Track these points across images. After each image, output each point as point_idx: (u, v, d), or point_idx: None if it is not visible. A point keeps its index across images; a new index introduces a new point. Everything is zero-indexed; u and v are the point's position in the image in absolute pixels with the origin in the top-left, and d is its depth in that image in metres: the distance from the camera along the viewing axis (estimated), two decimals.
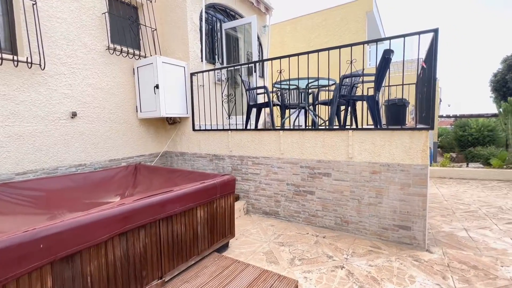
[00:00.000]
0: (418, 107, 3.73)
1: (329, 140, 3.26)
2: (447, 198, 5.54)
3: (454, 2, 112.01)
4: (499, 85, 19.23)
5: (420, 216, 2.79)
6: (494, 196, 5.58)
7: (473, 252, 2.91)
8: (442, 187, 6.65)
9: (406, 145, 2.81)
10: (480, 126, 12.04)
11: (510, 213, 4.38)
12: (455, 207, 4.85)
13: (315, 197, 3.43)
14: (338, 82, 3.30)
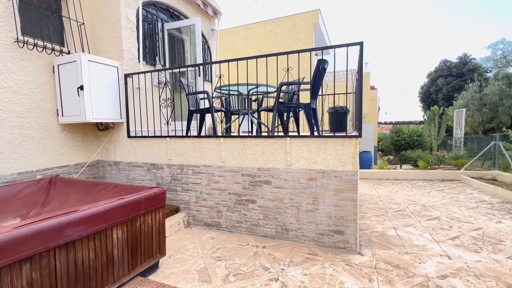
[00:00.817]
0: (354, 116, 3.95)
1: (269, 147, 3.23)
2: (383, 198, 6.03)
3: (398, 16, 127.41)
4: (425, 96, 22.30)
5: (352, 220, 2.90)
6: (419, 194, 6.27)
7: (398, 250, 3.13)
8: (379, 188, 7.25)
9: (338, 152, 2.91)
10: (411, 132, 13.66)
11: (431, 210, 4.92)
12: (388, 207, 5.29)
13: (257, 205, 3.35)
14: (278, 89, 3.31)
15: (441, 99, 19.91)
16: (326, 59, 3.18)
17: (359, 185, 7.69)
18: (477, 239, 3.48)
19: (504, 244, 3.31)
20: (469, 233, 3.71)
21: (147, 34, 4.80)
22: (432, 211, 4.88)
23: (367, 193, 6.68)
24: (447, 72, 20.14)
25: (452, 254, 3.04)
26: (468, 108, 16.44)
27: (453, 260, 2.85)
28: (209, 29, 6.50)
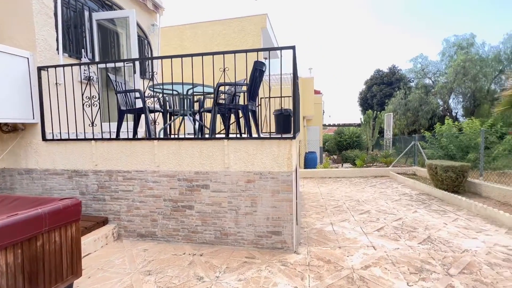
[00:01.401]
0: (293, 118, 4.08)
1: (206, 150, 3.10)
2: (324, 196, 6.42)
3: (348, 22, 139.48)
4: (362, 101, 24.83)
5: (288, 220, 2.96)
6: (355, 191, 6.87)
7: (332, 245, 3.32)
8: (322, 186, 7.73)
9: (275, 153, 2.94)
10: (351, 133, 14.95)
11: (363, 205, 5.41)
12: (328, 204, 5.64)
13: (195, 211, 3.18)
14: (216, 90, 3.20)
15: (375, 104, 22.42)
16: (263, 62, 3.21)
17: (305, 184, 8.11)
18: (397, 229, 3.91)
19: (418, 231, 3.79)
20: (392, 224, 4.15)
21: (70, 23, 4.21)
22: (364, 205, 5.36)
23: (311, 192, 7.05)
24: (380, 81, 22.81)
25: (377, 244, 3.34)
26: (396, 113, 18.82)
27: (377, 250, 3.13)
28: (149, 24, 6.06)
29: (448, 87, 16.86)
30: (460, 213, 4.52)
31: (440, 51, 18.89)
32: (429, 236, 3.55)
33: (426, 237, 3.54)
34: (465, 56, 16.18)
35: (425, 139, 9.18)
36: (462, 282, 2.31)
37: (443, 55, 18.66)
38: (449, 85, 16.77)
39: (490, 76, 15.96)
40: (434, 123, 10.98)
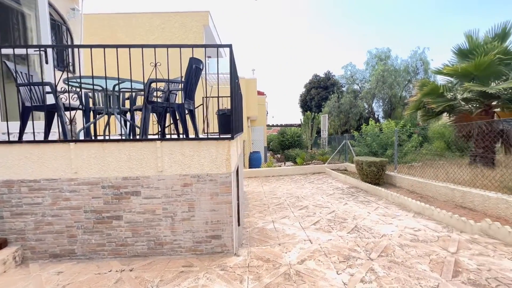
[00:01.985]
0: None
1: (137, 152, 2.79)
2: (267, 194, 6.60)
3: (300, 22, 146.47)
4: (303, 103, 26.64)
5: (228, 223, 2.89)
6: (296, 187, 7.26)
7: (273, 243, 3.40)
8: (266, 184, 7.94)
9: (213, 155, 2.84)
10: (292, 133, 15.80)
11: (302, 200, 5.74)
12: (270, 202, 5.80)
13: (123, 222, 2.84)
14: (147, 87, 2.91)
15: (314, 106, 24.32)
16: (200, 59, 3.06)
17: (249, 184, 8.19)
18: (331, 221, 4.25)
19: (347, 221, 4.19)
20: (326, 217, 4.50)
21: None
22: (303, 201, 5.69)
23: (255, 191, 7.16)
24: (317, 85, 24.85)
25: (313, 238, 3.56)
26: (331, 114, 20.72)
27: (313, 243, 3.32)
28: (68, 8, 5.22)
29: (371, 92, 19.42)
30: (380, 202, 5.19)
31: (365, 61, 21.67)
32: (356, 225, 3.96)
33: (354, 226, 3.93)
34: (383, 67, 18.90)
35: (354, 138, 10.35)
36: (380, 264, 2.62)
37: (367, 64, 21.46)
38: (372, 91, 19.33)
39: (401, 85, 19.02)
40: (361, 124, 12.49)
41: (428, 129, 13.10)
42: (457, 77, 6.90)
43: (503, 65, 6.20)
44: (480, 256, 2.69)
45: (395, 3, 53.82)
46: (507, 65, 6.31)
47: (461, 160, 7.21)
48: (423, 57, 18.67)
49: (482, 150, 6.59)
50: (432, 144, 12.32)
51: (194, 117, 3.28)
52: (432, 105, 6.87)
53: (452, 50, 7.15)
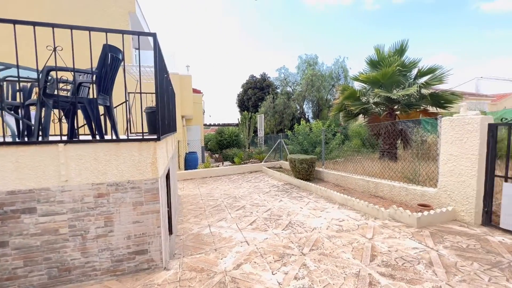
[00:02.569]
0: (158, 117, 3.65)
1: (28, 159, 2.20)
2: (204, 196, 6.32)
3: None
4: (240, 103, 26.94)
5: (156, 234, 2.57)
6: (233, 187, 7.20)
7: (208, 249, 3.21)
8: (203, 186, 7.62)
9: (135, 158, 2.47)
10: (230, 133, 15.75)
11: (240, 201, 5.70)
12: (207, 204, 5.57)
13: (10, 249, 2.20)
14: (43, 76, 2.32)
15: (251, 106, 24.86)
16: (119, 48, 2.63)
17: (185, 186, 7.72)
18: (267, 219, 4.31)
19: (282, 218, 4.32)
20: (263, 215, 4.55)
21: None
22: (240, 201, 5.66)
23: (191, 194, 6.78)
24: (254, 85, 25.49)
25: (250, 239, 3.52)
26: (267, 114, 21.54)
27: (250, 245, 3.28)
28: None
29: (302, 95, 21.05)
30: (311, 197, 5.58)
31: (296, 65, 23.33)
32: (290, 221, 4.11)
33: (288, 222, 4.08)
34: (312, 72, 20.72)
35: (288, 137, 10.97)
36: (312, 258, 2.75)
37: (298, 68, 23.17)
38: (303, 94, 20.97)
39: (327, 89, 21.23)
40: (294, 124, 13.37)
41: (348, 129, 14.93)
42: (369, 84, 8.02)
43: (401, 76, 7.50)
44: (390, 239, 3.11)
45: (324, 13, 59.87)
46: (404, 76, 7.66)
47: (373, 155, 8.46)
48: (344, 65, 21.27)
49: (388, 146, 7.83)
50: (351, 141, 14.08)
51: (111, 115, 2.80)
52: (351, 107, 7.80)
53: (365, 61, 8.28)
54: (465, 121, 3.48)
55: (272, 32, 68.46)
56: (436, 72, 7.17)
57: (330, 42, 56.97)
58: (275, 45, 68.12)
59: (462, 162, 3.52)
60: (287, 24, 64.54)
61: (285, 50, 64.65)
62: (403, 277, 2.35)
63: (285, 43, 64.38)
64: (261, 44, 72.69)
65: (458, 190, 3.57)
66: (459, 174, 3.55)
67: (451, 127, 3.66)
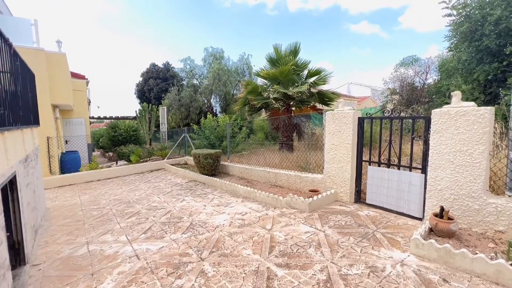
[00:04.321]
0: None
1: None
2: (85, 206, 5.09)
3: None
4: (140, 94, 23.96)
5: None
6: (128, 191, 6.16)
7: (80, 276, 2.49)
8: (86, 193, 6.17)
9: None
10: (127, 127, 13.67)
11: (134, 206, 4.87)
12: (88, 215, 4.47)
13: None
14: None
15: (153, 98, 22.50)
16: None
17: (59, 195, 6.06)
18: (165, 224, 3.81)
19: (183, 220, 3.92)
20: (161, 219, 4.01)
21: None
22: (135, 206, 4.85)
23: (66, 204, 5.33)
24: (156, 75, 23.13)
25: (141, 251, 2.97)
26: (171, 107, 20.05)
27: (140, 259, 2.75)
28: None
29: (209, 88, 20.64)
30: (216, 193, 5.39)
31: (203, 58, 22.62)
32: (191, 223, 3.77)
33: (189, 224, 3.73)
34: (219, 66, 20.58)
35: (194, 131, 10.43)
36: (211, 262, 2.52)
37: (204, 61, 22.50)
38: (210, 87, 20.58)
39: (233, 84, 21.63)
40: (201, 118, 12.87)
41: (253, 123, 15.67)
42: (270, 80, 8.51)
43: (295, 75, 8.30)
44: (286, 227, 3.27)
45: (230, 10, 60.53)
46: (298, 75, 8.52)
47: (275, 147, 9.11)
48: (248, 62, 22.16)
49: (285, 138, 8.58)
50: (256, 135, 14.85)
51: None
52: (254, 102, 8.07)
53: (265, 58, 8.72)
54: (342, 114, 4.06)
55: (176, 21, 64.13)
56: (321, 74, 8.31)
57: (235, 38, 58.63)
58: (180, 35, 64.20)
59: (341, 150, 4.10)
60: (193, 14, 61.92)
61: (191, 41, 62.02)
62: (297, 263, 2.45)
63: (190, 33, 61.65)
64: (165, 32, 67.00)
65: (338, 175, 4.17)
66: (339, 161, 4.14)
67: (333, 120, 4.20)
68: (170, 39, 64.88)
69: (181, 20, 62.77)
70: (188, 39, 62.16)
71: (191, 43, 63.51)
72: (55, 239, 3.59)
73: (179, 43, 62.15)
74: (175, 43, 62.44)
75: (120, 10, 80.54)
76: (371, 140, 3.90)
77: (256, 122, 15.40)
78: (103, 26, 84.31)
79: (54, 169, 7.38)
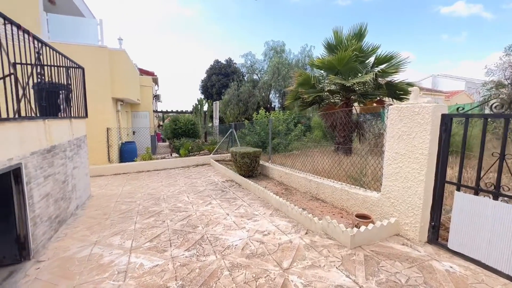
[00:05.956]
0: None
1: None
2: (121, 197, 5.12)
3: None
4: (204, 89, 25.27)
5: None
6: (165, 185, 6.06)
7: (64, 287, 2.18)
8: (131, 183, 6.35)
9: None
10: (186, 121, 14.35)
11: (161, 204, 4.60)
12: (117, 209, 4.41)
13: None
14: None
15: (215, 93, 23.38)
16: None
17: (110, 183, 6.41)
18: (176, 232, 3.33)
19: (196, 230, 3.37)
20: (175, 226, 3.56)
21: None
22: (161, 204, 4.58)
23: (108, 193, 5.53)
24: (219, 71, 23.93)
25: (133, 266, 2.55)
26: (230, 102, 20.35)
27: (125, 280, 2.30)
28: None
29: (268, 83, 20.11)
30: (246, 198, 4.70)
31: (263, 52, 22.21)
32: (202, 236, 3.18)
33: (199, 237, 3.14)
34: (278, 59, 19.79)
35: (245, 126, 10.02)
36: None
37: (265, 55, 22.05)
38: (269, 82, 20.03)
39: (293, 78, 20.56)
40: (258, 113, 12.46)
41: (311, 119, 14.39)
42: (325, 70, 7.27)
43: (358, 62, 6.83)
44: (310, 270, 2.30)
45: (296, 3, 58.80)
46: (361, 63, 7.01)
47: (330, 148, 7.85)
48: (310, 54, 20.62)
49: (342, 139, 7.23)
50: (313, 133, 13.52)
51: None
52: (304, 95, 7.01)
53: (322, 44, 7.49)
54: (414, 110, 2.75)
55: (243, 19, 66.04)
56: (392, 61, 6.61)
57: (298, 31, 56.24)
58: (244, 32, 65.85)
59: (409, 163, 2.81)
60: (257, 9, 62.53)
61: (254, 37, 62.72)
62: None
63: (253, 28, 62.34)
64: (232, 29, 69.92)
65: (403, 198, 2.89)
66: (405, 178, 2.85)
67: (399, 118, 2.93)
68: (236, 35, 67.27)
69: (248, 17, 64.19)
70: (252, 35, 63.05)
71: (254, 38, 64.30)
72: (74, 232, 3.53)
73: (243, 39, 63.76)
74: (240, 39, 64.32)
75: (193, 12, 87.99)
76: (463, 150, 2.51)
77: (314, 119, 14.09)
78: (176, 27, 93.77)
79: (113, 158, 8.02)
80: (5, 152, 2.46)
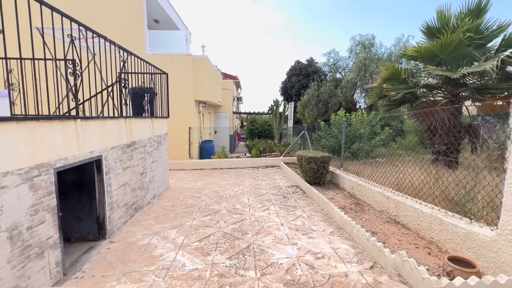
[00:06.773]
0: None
1: None
2: (191, 192, 5.51)
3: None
4: (283, 91, 25.35)
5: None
6: (232, 184, 6.19)
7: (116, 273, 2.43)
8: (203, 179, 6.83)
9: None
10: (263, 122, 14.68)
11: (222, 203, 4.65)
12: (184, 203, 4.74)
13: None
14: None
15: (294, 94, 23.10)
16: None
17: (186, 177, 7.09)
18: (225, 235, 3.24)
19: (245, 237, 3.18)
20: (227, 228, 3.48)
21: None
22: (222, 203, 4.65)
23: (183, 187, 6.08)
24: (299, 72, 23.50)
25: (177, 264, 2.59)
26: (309, 103, 19.62)
27: (165, 277, 2.34)
28: None
29: (352, 81, 18.30)
30: (307, 209, 4.20)
31: (348, 48, 20.38)
32: (249, 245, 2.96)
33: (245, 246, 2.93)
34: (366, 54, 17.71)
35: (320, 128, 9.33)
36: None
37: (350, 52, 20.13)
38: (353, 80, 18.21)
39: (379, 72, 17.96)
40: None
41: (405, 123, 12.16)
42: (422, 60, 5.84)
43: (474, 47, 5.15)
44: None
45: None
46: (478, 47, 5.27)
47: (426, 157, 6.26)
48: (408, 45, 17.52)
49: (445, 147, 5.65)
50: (406, 138, 11.37)
51: None
52: (391, 92, 5.83)
53: (420, 29, 6.04)
54: None
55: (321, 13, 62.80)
56: None
57: (393, 22, 48.67)
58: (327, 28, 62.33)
59: None
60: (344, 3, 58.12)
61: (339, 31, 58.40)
62: None
63: (336, 23, 58.05)
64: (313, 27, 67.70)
65: None
66: None
67: None
68: (319, 33, 64.73)
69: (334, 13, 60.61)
70: (338, 30, 58.85)
71: (339, 34, 59.81)
72: (144, 219, 3.94)
73: (327, 37, 60.48)
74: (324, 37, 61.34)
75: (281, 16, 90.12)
76: None
77: (408, 122, 11.82)
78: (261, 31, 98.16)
79: (193, 154, 8.88)
80: (88, 146, 2.90)
